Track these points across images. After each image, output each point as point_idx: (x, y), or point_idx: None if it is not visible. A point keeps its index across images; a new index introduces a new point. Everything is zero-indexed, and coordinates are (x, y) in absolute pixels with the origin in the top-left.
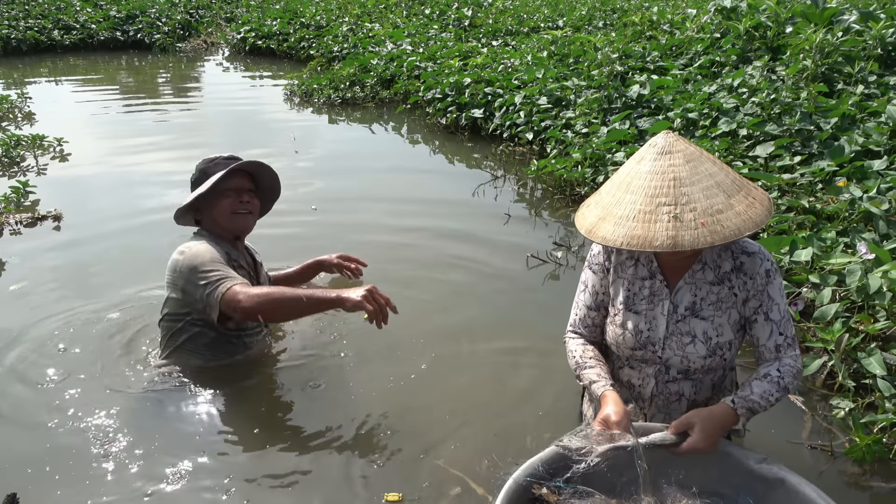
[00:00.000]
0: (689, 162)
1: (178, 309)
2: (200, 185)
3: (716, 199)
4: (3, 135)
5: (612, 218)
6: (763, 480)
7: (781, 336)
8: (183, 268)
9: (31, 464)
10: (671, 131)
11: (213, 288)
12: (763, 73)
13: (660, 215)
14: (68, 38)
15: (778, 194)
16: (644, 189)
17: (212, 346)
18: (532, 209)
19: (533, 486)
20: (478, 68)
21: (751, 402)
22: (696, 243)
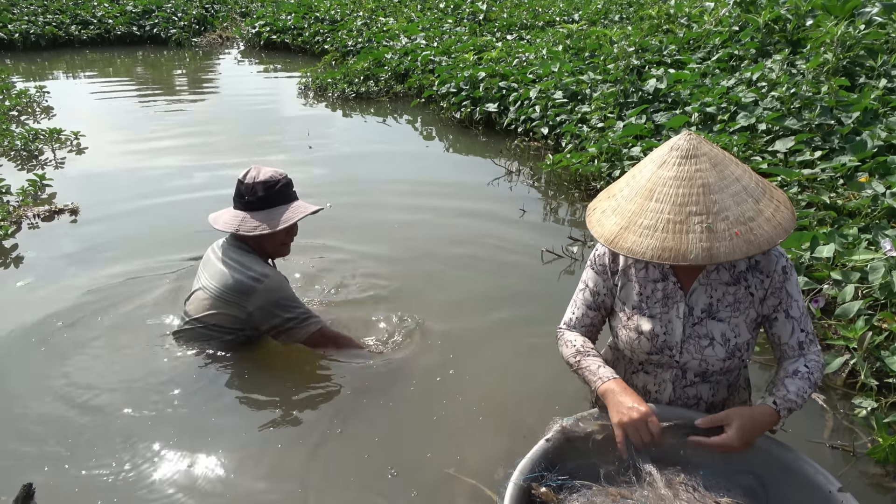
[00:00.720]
0: (715, 166)
1: (228, 324)
2: (281, 201)
3: (746, 206)
4: (22, 129)
5: (637, 228)
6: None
7: (803, 332)
8: (261, 295)
9: (47, 455)
10: (692, 132)
11: (298, 323)
12: (783, 67)
13: (691, 225)
14: (86, 33)
15: (798, 190)
16: (671, 197)
17: (244, 346)
18: (547, 204)
19: (532, 487)
20: (492, 62)
21: (790, 403)
22: (731, 255)
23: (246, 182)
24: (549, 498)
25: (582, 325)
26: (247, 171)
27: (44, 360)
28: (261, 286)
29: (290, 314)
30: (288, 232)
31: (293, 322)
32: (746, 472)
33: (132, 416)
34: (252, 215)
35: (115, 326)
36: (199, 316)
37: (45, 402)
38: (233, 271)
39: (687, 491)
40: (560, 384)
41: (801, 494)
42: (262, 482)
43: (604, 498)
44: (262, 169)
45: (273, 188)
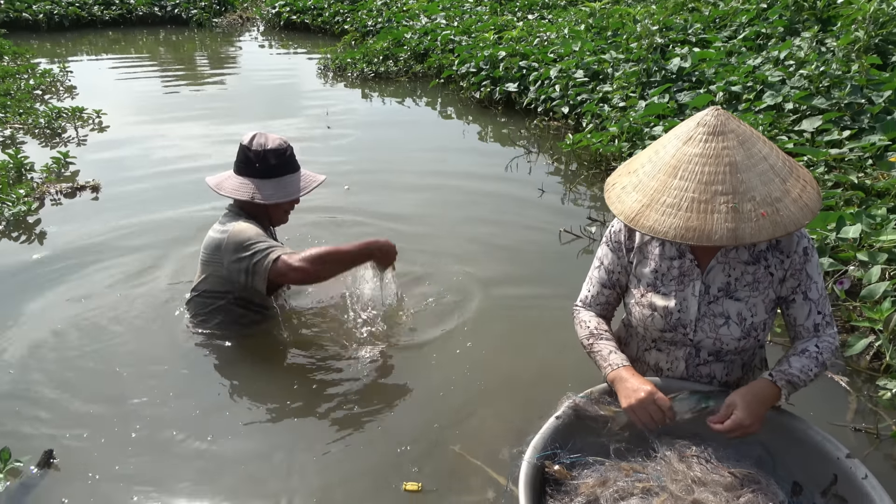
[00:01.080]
0: (742, 144)
1: (218, 287)
2: (291, 170)
3: (773, 186)
4: (46, 107)
5: (659, 206)
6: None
7: (820, 315)
8: (228, 244)
9: (67, 424)
10: (720, 108)
11: (261, 257)
12: (812, 45)
13: (717, 205)
14: (108, 14)
15: (824, 170)
16: (696, 175)
17: (242, 321)
18: (566, 184)
19: (545, 465)
20: (513, 41)
21: (790, 376)
22: (757, 236)
23: (254, 149)
24: (563, 475)
25: (597, 303)
26: (251, 137)
27: (62, 333)
28: (226, 236)
29: (253, 251)
30: (293, 201)
31: (257, 258)
32: (754, 443)
33: (145, 389)
34: (262, 183)
35: (131, 300)
36: (195, 285)
37: (64, 373)
38: (212, 232)
39: (700, 463)
40: (573, 364)
41: (809, 462)
42: (259, 457)
43: (617, 473)
44: (268, 136)
45: (283, 156)
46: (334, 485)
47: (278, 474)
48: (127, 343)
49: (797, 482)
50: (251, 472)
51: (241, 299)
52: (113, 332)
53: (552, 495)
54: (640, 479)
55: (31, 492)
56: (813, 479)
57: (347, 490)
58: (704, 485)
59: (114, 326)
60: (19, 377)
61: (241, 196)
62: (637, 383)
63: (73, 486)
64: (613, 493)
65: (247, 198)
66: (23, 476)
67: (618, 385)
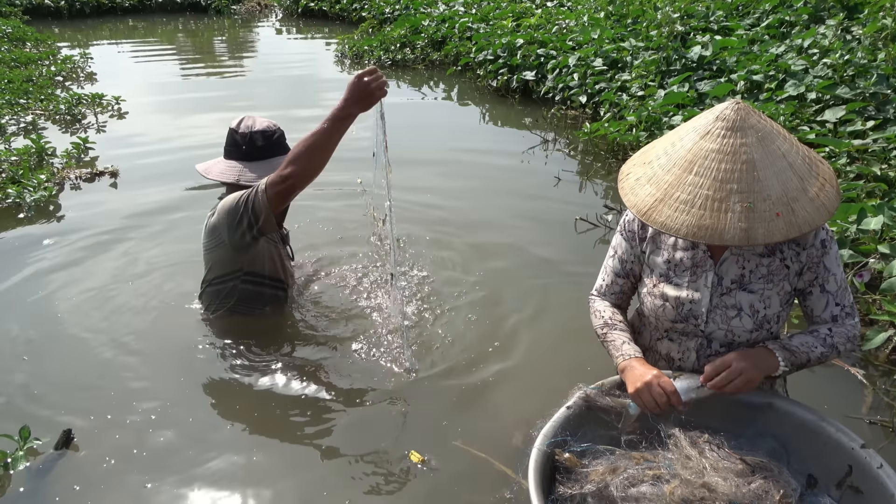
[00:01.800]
0: (762, 140)
1: (225, 269)
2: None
3: (790, 185)
4: (67, 93)
5: (672, 202)
6: (749, 406)
7: (838, 307)
8: (221, 220)
9: (85, 407)
10: (740, 101)
11: (252, 199)
12: (837, 33)
13: (731, 204)
14: (128, 1)
15: (846, 161)
16: (712, 172)
17: (258, 298)
18: (583, 173)
19: (555, 453)
20: (531, 29)
21: (788, 345)
22: (770, 237)
23: (241, 131)
24: (573, 463)
25: (611, 292)
26: (240, 119)
27: (81, 318)
28: (216, 212)
29: (243, 204)
30: None
31: (250, 204)
32: (768, 435)
33: (163, 375)
34: (250, 165)
35: (151, 287)
36: (203, 277)
37: (82, 357)
38: (206, 222)
39: (712, 450)
40: (586, 355)
41: (823, 454)
42: (274, 428)
43: (627, 462)
44: (256, 119)
45: (271, 138)
46: (342, 471)
47: (287, 466)
48: (146, 329)
49: (812, 475)
50: (263, 458)
51: (250, 275)
52: (132, 317)
53: (562, 482)
54: (650, 467)
55: (50, 471)
56: (827, 471)
57: (357, 449)
58: (716, 470)
59: (133, 312)
60: (38, 360)
61: (228, 178)
62: (644, 369)
63: (91, 468)
64: (624, 481)
65: (233, 180)
66: (42, 455)
67: (626, 374)
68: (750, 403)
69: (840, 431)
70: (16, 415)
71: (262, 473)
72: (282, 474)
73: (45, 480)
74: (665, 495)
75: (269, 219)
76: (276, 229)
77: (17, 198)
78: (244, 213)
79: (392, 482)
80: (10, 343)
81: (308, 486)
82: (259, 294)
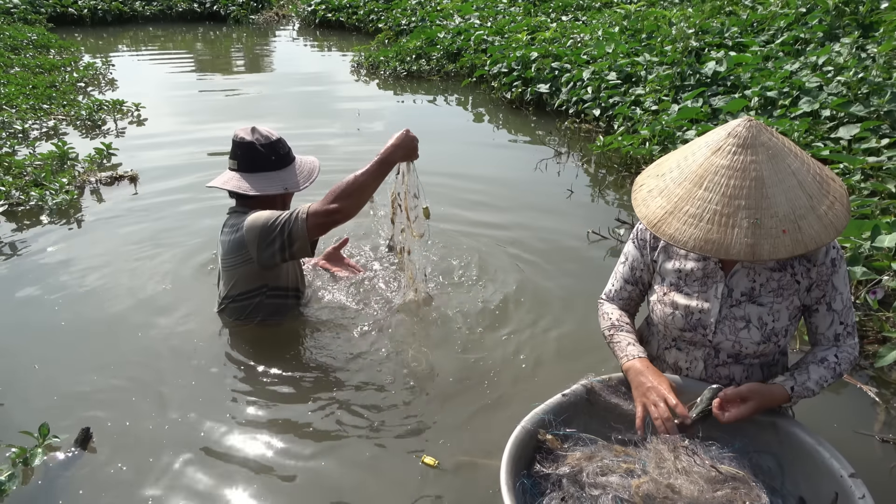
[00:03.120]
0: (772, 158)
1: (250, 286)
2: (292, 157)
3: (798, 203)
4: (88, 99)
5: (682, 215)
6: (753, 422)
7: (842, 325)
8: (251, 237)
9: (105, 403)
10: (752, 119)
11: (292, 224)
12: (851, 51)
13: (738, 220)
14: (149, 10)
15: (861, 178)
16: (721, 187)
17: (281, 311)
18: (595, 186)
19: (539, 433)
20: (546, 42)
21: (807, 391)
22: (775, 254)
23: (263, 142)
24: (554, 445)
25: (620, 297)
26: (249, 131)
27: (103, 322)
28: (245, 230)
29: (279, 226)
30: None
31: (287, 229)
32: (768, 453)
33: (183, 380)
34: (274, 174)
35: (172, 293)
36: (225, 293)
37: (106, 359)
38: (225, 236)
39: (687, 454)
40: (598, 364)
41: (815, 477)
42: (288, 432)
43: (606, 452)
44: (260, 129)
45: (286, 146)
46: (358, 472)
47: (305, 472)
48: (168, 335)
49: (802, 497)
50: (279, 465)
51: (275, 289)
52: (154, 322)
53: (540, 462)
54: (626, 461)
55: (67, 468)
56: (817, 496)
57: (370, 458)
58: (687, 474)
59: (155, 318)
60: (61, 359)
61: (274, 191)
62: (651, 380)
63: (107, 467)
64: (597, 469)
65: (280, 190)
66: (61, 452)
67: (631, 377)
68: (755, 420)
69: (833, 457)
70: (36, 411)
71: (278, 480)
72: (300, 482)
73: (62, 477)
74: (631, 488)
75: (305, 246)
76: (310, 255)
77: (39, 200)
78: (278, 237)
79: (405, 486)
80: (35, 342)
81: (323, 494)
82: (283, 306)
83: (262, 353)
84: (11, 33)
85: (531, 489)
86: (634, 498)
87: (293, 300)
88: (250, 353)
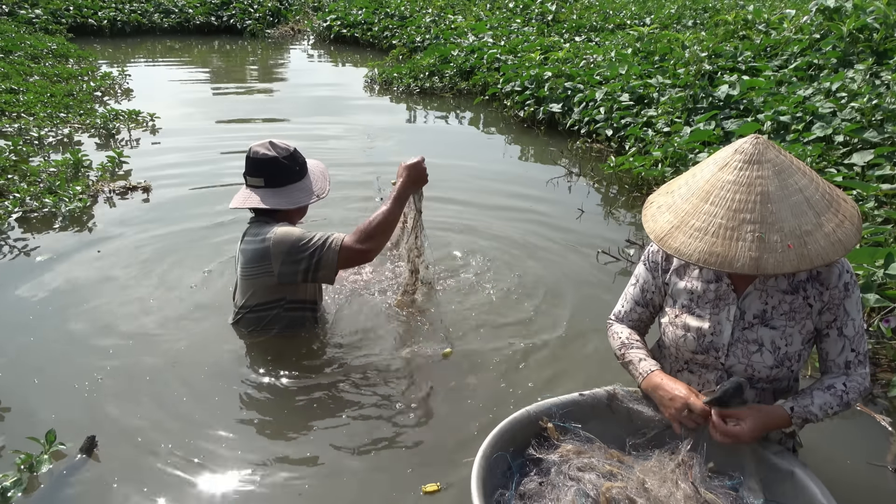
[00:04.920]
0: (778, 174)
1: (269, 297)
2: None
3: (804, 219)
4: (104, 109)
5: (688, 229)
6: (775, 469)
7: (853, 353)
8: (277, 250)
9: (113, 413)
10: (760, 136)
11: (325, 251)
12: (865, 78)
13: (743, 233)
14: (167, 22)
15: (874, 205)
16: (727, 202)
17: (298, 323)
18: (606, 206)
19: (541, 420)
20: (559, 62)
21: (809, 414)
22: (780, 268)
23: (286, 156)
24: (552, 434)
25: (629, 319)
26: (268, 146)
27: (113, 332)
28: (270, 243)
29: (310, 250)
30: None
31: (317, 255)
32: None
33: (191, 392)
34: (300, 185)
35: (183, 302)
36: (242, 303)
37: (115, 366)
38: (247, 245)
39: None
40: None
41: None
42: (285, 458)
43: (598, 453)
44: (276, 142)
45: (301, 153)
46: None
47: (318, 483)
48: (179, 345)
49: None
50: (285, 475)
51: (294, 302)
52: (164, 332)
53: (534, 447)
54: (611, 464)
55: (72, 475)
56: None
57: (364, 492)
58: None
59: (166, 327)
60: (68, 366)
61: (307, 201)
62: (670, 392)
63: (111, 475)
64: (581, 463)
65: (312, 199)
66: (67, 460)
67: (653, 394)
68: (775, 466)
69: (822, 494)
70: (42, 418)
71: (285, 494)
72: (308, 495)
73: (67, 483)
74: (601, 487)
75: (330, 276)
76: (331, 283)
77: (53, 207)
78: (306, 259)
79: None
80: (43, 348)
81: None
82: (300, 318)
83: (275, 365)
84: (32, 42)
85: (517, 468)
86: (600, 497)
87: (310, 313)
88: (263, 365)
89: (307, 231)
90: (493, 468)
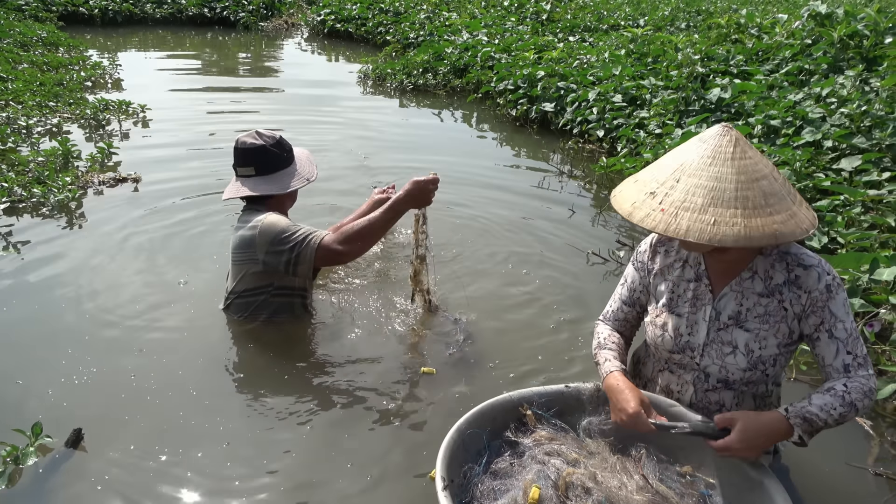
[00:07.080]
0: (740, 156)
1: (257, 283)
2: (289, 162)
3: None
4: (95, 98)
5: (652, 202)
6: (745, 476)
7: (850, 355)
8: (262, 239)
9: (99, 405)
10: (728, 124)
11: (304, 246)
12: (855, 84)
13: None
14: (159, 12)
15: (861, 210)
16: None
17: (287, 309)
18: (597, 207)
19: (521, 406)
20: (552, 62)
21: (807, 413)
22: (730, 241)
23: (274, 143)
24: (531, 420)
25: (616, 318)
26: (255, 136)
27: (99, 322)
28: (257, 231)
29: (292, 242)
30: None
31: (297, 249)
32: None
33: (179, 382)
34: (289, 170)
35: (173, 294)
36: (232, 288)
37: (102, 358)
38: (237, 231)
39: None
40: None
41: None
42: (294, 444)
43: (571, 441)
44: (262, 131)
45: (286, 141)
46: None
47: (308, 472)
48: (168, 334)
49: None
50: (273, 460)
51: (281, 288)
52: (152, 322)
53: (511, 431)
54: (578, 453)
55: (58, 468)
56: None
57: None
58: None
59: (154, 317)
60: (56, 357)
61: (299, 185)
62: (622, 402)
63: (98, 468)
64: (549, 448)
65: (304, 183)
66: (53, 453)
67: (609, 395)
68: (746, 474)
69: None
70: (28, 410)
71: (273, 482)
72: (296, 484)
73: (53, 476)
74: (563, 472)
75: (307, 271)
76: (309, 277)
77: (41, 198)
78: (287, 252)
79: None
80: (29, 340)
81: (320, 498)
82: (289, 305)
83: (264, 352)
84: (22, 30)
85: (494, 448)
86: (559, 481)
87: (299, 300)
88: (251, 352)
89: (293, 224)
90: (469, 445)
